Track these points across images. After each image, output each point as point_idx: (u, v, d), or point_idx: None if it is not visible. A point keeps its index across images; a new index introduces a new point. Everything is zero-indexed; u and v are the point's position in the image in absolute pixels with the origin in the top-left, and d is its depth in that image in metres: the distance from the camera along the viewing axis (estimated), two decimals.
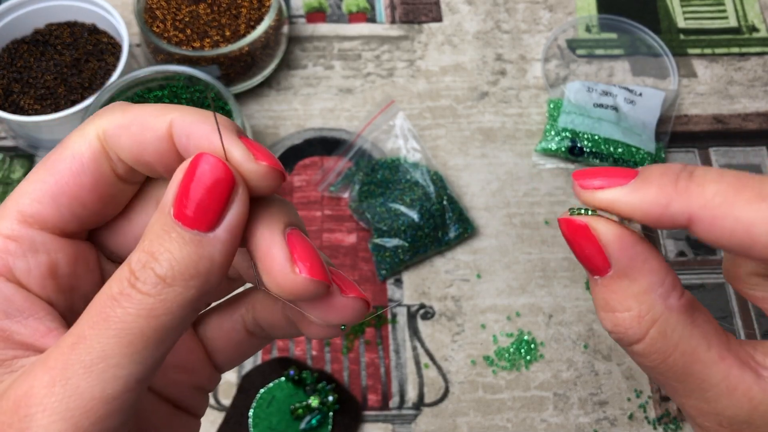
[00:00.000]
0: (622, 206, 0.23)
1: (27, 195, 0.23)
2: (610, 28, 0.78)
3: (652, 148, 0.68)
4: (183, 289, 0.20)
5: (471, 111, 0.72)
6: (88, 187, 0.23)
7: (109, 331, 0.20)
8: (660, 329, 0.23)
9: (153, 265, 0.20)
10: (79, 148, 0.23)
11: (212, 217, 0.21)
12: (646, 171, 0.23)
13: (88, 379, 0.20)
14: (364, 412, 0.58)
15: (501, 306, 0.62)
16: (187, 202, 0.21)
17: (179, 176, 0.21)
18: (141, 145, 0.23)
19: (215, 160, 0.21)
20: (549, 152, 0.68)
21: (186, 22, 0.70)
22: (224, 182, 0.21)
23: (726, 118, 0.72)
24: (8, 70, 0.69)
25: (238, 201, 0.21)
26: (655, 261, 0.23)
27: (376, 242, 0.63)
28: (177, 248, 0.20)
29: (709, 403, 0.23)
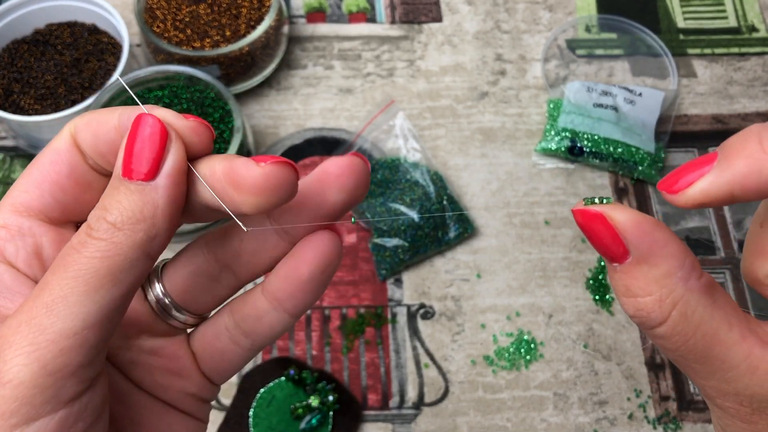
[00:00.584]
0: (717, 192, 0.23)
1: (16, 188, 0.26)
2: (610, 28, 0.78)
3: (652, 148, 0.68)
4: (132, 232, 0.23)
5: (471, 111, 0.72)
6: (65, 174, 0.26)
7: (68, 273, 0.22)
8: (681, 311, 0.23)
9: (104, 214, 0.23)
10: (57, 144, 0.26)
11: (152, 167, 0.24)
12: (725, 147, 0.23)
13: (50, 317, 0.22)
14: (364, 411, 0.58)
15: (501, 306, 0.62)
16: (132, 159, 0.24)
17: (124, 141, 0.24)
18: (97, 137, 0.26)
19: (148, 116, 0.24)
20: (549, 152, 0.68)
21: (186, 22, 0.70)
22: (157, 133, 0.24)
23: (726, 118, 0.73)
24: (8, 70, 0.69)
25: (173, 151, 0.24)
26: (674, 244, 0.23)
27: (376, 242, 0.63)
28: (124, 198, 0.23)
29: (729, 384, 0.24)
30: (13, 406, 0.21)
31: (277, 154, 0.70)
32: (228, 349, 0.29)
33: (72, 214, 0.27)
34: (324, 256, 0.26)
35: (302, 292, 0.27)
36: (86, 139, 0.26)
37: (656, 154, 0.68)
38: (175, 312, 0.29)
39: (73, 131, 0.26)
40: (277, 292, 0.27)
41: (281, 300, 0.27)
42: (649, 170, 0.67)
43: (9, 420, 0.21)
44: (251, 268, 0.28)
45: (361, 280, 0.64)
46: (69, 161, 0.26)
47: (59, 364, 0.22)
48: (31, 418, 0.22)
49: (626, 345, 0.61)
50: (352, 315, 0.62)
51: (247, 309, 0.28)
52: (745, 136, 0.23)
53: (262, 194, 0.23)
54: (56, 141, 0.26)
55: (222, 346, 0.29)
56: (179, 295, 0.29)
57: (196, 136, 0.25)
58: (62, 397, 0.22)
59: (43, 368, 0.21)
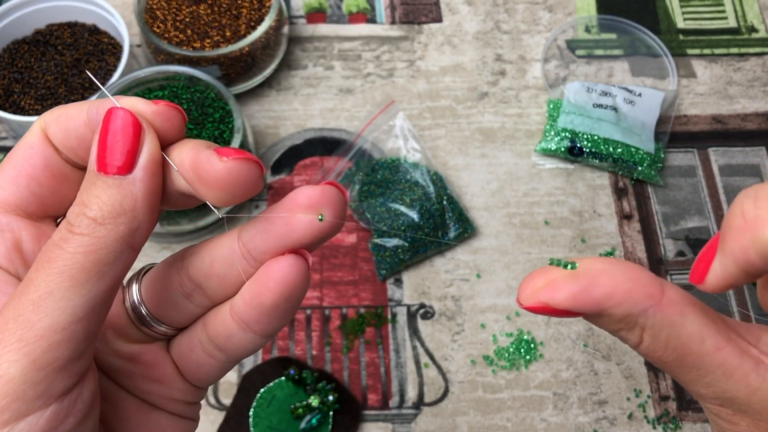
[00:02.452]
0: (729, 275, 0.24)
1: None
2: (610, 28, 0.78)
3: (652, 149, 0.68)
4: (113, 226, 0.23)
5: (471, 111, 0.72)
6: (40, 167, 0.26)
7: (53, 270, 0.22)
8: (650, 334, 0.25)
9: (84, 210, 0.23)
10: (29, 140, 0.26)
11: (127, 160, 0.24)
12: (723, 224, 0.24)
13: (37, 313, 0.22)
14: (364, 411, 0.58)
15: (501, 306, 0.62)
16: (106, 153, 0.24)
17: (96, 135, 0.24)
18: (67, 132, 0.26)
19: (120, 109, 0.24)
20: (548, 152, 0.69)
21: (186, 23, 0.70)
22: (130, 126, 0.24)
23: (725, 118, 0.73)
24: (9, 70, 0.69)
25: (147, 142, 0.24)
26: (620, 290, 0.24)
27: (376, 242, 0.63)
28: (103, 192, 0.23)
29: (708, 388, 0.25)
30: (3, 402, 0.21)
31: (277, 155, 0.70)
32: (203, 361, 0.28)
33: (50, 208, 0.27)
34: (288, 283, 0.25)
35: (267, 317, 0.26)
36: (56, 133, 0.26)
37: (656, 155, 0.69)
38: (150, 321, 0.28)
39: (44, 126, 0.26)
40: (243, 315, 0.26)
41: (248, 323, 0.26)
42: (648, 170, 0.68)
43: (0, 416, 0.21)
44: (221, 290, 0.27)
45: (361, 280, 0.64)
46: (42, 155, 0.26)
47: (49, 359, 0.22)
48: (23, 413, 0.22)
49: (626, 345, 0.61)
50: (352, 315, 0.62)
51: (218, 327, 0.27)
52: (732, 212, 0.24)
53: (225, 189, 0.24)
54: (28, 136, 0.26)
55: (197, 359, 0.28)
56: (153, 307, 0.28)
57: (167, 122, 0.25)
58: (53, 391, 0.22)
59: (33, 363, 0.22)
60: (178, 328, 0.29)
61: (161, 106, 0.25)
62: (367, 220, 0.64)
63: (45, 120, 0.26)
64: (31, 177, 0.26)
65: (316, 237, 0.25)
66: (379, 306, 0.62)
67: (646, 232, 0.66)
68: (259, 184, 0.24)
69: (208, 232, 0.65)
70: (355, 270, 0.64)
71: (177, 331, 0.29)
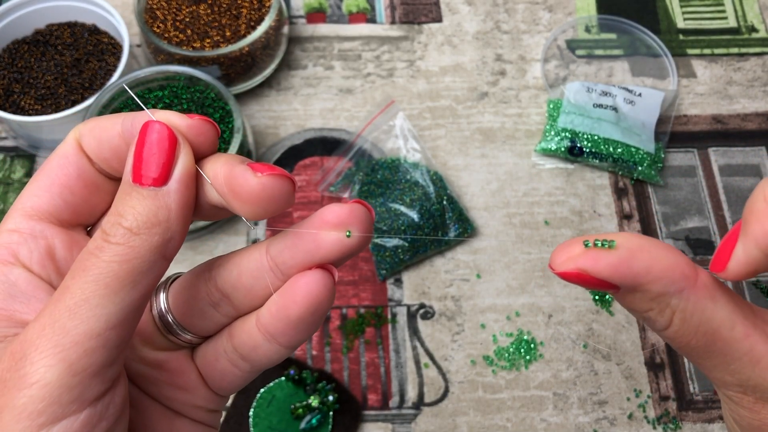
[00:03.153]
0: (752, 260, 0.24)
1: (26, 193, 0.27)
2: (610, 28, 0.78)
3: (652, 149, 0.68)
4: (148, 236, 0.24)
5: (471, 111, 0.72)
6: (73, 176, 0.27)
7: (88, 278, 0.23)
8: (681, 317, 0.25)
9: (120, 220, 0.24)
10: (64, 150, 0.27)
11: (162, 173, 0.24)
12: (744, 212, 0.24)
13: (73, 320, 0.22)
14: (364, 411, 0.58)
15: (501, 306, 0.62)
16: (141, 165, 0.24)
17: (132, 147, 0.25)
18: (101, 143, 0.27)
19: (156, 122, 0.25)
20: (549, 152, 0.69)
21: (186, 23, 0.70)
22: (165, 139, 0.24)
23: (725, 118, 0.73)
24: (9, 70, 0.69)
25: (182, 155, 0.25)
26: (658, 266, 0.24)
27: (376, 242, 0.63)
28: (138, 203, 0.24)
29: (733, 375, 0.25)
30: (40, 406, 0.22)
31: (277, 155, 0.70)
32: (228, 370, 0.29)
33: (81, 217, 0.28)
34: (314, 297, 0.25)
35: (293, 330, 0.26)
36: (90, 144, 0.27)
37: (656, 155, 0.69)
38: (177, 329, 0.29)
39: (78, 137, 0.27)
40: (269, 326, 0.27)
41: (274, 335, 0.27)
42: (648, 170, 0.67)
43: (37, 419, 0.22)
44: (248, 301, 0.28)
45: (361, 280, 0.64)
46: (76, 165, 0.27)
47: (84, 365, 0.22)
48: (58, 417, 0.22)
49: (626, 345, 0.61)
50: (352, 315, 0.62)
51: (243, 337, 0.28)
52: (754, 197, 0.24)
53: (258, 204, 0.24)
54: (63, 146, 0.27)
55: (222, 367, 0.29)
56: (180, 316, 0.29)
57: (201, 136, 0.26)
58: (87, 396, 0.23)
59: (69, 369, 0.22)
60: (203, 336, 0.29)
61: (195, 121, 0.26)
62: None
63: (79, 131, 0.27)
64: (65, 186, 0.27)
65: (343, 253, 0.26)
66: (379, 306, 0.62)
67: (647, 232, 0.66)
68: (291, 199, 0.25)
69: (208, 232, 0.65)
70: (355, 270, 0.64)
71: (202, 339, 0.29)
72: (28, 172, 0.69)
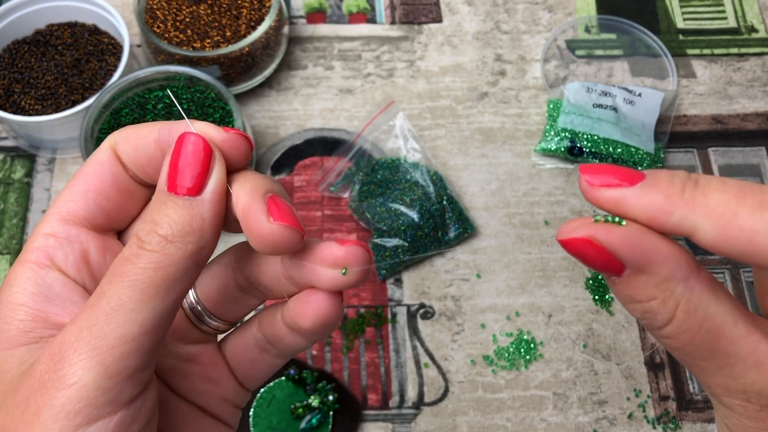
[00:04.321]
0: (628, 207, 0.24)
1: (62, 198, 0.28)
2: (610, 28, 0.78)
3: (651, 149, 0.68)
4: (182, 244, 0.24)
5: (471, 111, 0.72)
6: (108, 182, 0.28)
7: (125, 284, 0.24)
8: (685, 309, 0.24)
9: (156, 228, 0.24)
10: (99, 157, 0.28)
11: (197, 183, 0.25)
12: (654, 176, 0.24)
13: (109, 324, 0.23)
14: (364, 411, 0.58)
15: (501, 306, 0.62)
16: (177, 175, 0.25)
17: (168, 157, 0.25)
18: (136, 151, 0.27)
19: (194, 134, 0.25)
20: (548, 152, 0.69)
21: (187, 23, 0.70)
22: (201, 151, 0.25)
23: (725, 118, 0.73)
24: (9, 70, 0.69)
25: (217, 167, 0.25)
26: (666, 248, 0.24)
27: (376, 242, 0.63)
28: (173, 212, 0.25)
29: (737, 379, 0.24)
30: (78, 407, 0.23)
31: (277, 155, 0.70)
32: (258, 357, 0.31)
33: (114, 222, 0.29)
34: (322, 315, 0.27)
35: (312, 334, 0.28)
36: (126, 151, 0.28)
37: (656, 155, 0.69)
38: (208, 318, 0.30)
39: (113, 144, 0.28)
40: (292, 323, 0.28)
41: (297, 330, 0.28)
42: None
43: (74, 420, 0.23)
44: (272, 294, 0.29)
45: None
46: (111, 171, 0.28)
47: (119, 368, 0.23)
48: (93, 418, 0.23)
49: (626, 345, 0.61)
50: (352, 315, 0.62)
51: (271, 328, 0.29)
52: (672, 177, 0.24)
53: (265, 245, 0.25)
54: (98, 153, 0.28)
55: (252, 355, 0.31)
56: (211, 304, 0.30)
57: (234, 150, 0.26)
58: (121, 399, 0.23)
59: (105, 371, 0.23)
60: (234, 322, 0.31)
61: (231, 134, 0.26)
62: (367, 220, 0.64)
63: (115, 139, 0.28)
64: (100, 192, 0.28)
65: (340, 288, 0.27)
66: (379, 306, 0.63)
67: None
68: (298, 246, 0.26)
69: None
70: None
71: (230, 326, 0.31)
72: (28, 172, 0.69)
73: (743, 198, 0.22)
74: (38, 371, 0.23)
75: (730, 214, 0.22)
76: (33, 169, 0.69)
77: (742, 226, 0.22)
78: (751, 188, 0.23)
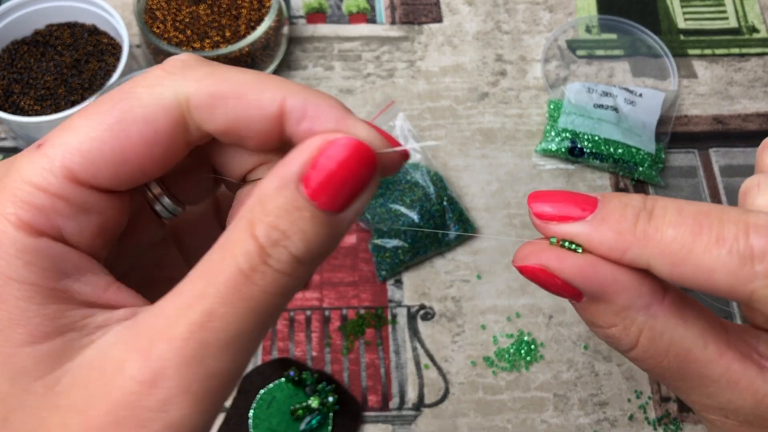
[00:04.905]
0: (580, 242, 0.23)
1: (79, 153, 0.21)
2: (610, 28, 0.78)
3: (653, 149, 0.68)
4: (310, 268, 0.20)
5: (471, 112, 0.72)
6: (157, 157, 0.21)
7: (246, 310, 0.19)
8: (648, 336, 0.23)
9: (286, 243, 0.20)
10: (153, 114, 0.21)
11: (348, 200, 0.20)
12: (605, 206, 0.23)
13: (225, 359, 0.19)
14: (364, 412, 0.58)
15: (501, 307, 0.62)
16: (326, 184, 0.20)
17: (310, 153, 0.20)
18: (240, 120, 0.21)
19: (367, 148, 0.20)
20: (549, 153, 0.68)
21: (186, 23, 0.70)
22: (370, 168, 0.21)
23: (726, 118, 0.72)
24: (8, 70, 0.69)
25: (372, 185, 0.21)
26: (624, 277, 0.23)
27: (376, 243, 0.63)
28: (311, 229, 0.20)
29: (711, 398, 0.23)
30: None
31: None
32: None
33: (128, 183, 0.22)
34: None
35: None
36: (219, 120, 0.21)
37: (657, 155, 0.68)
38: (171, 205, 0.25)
39: (185, 104, 0.21)
40: None
41: None
42: (649, 171, 0.67)
43: None
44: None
45: (361, 281, 0.64)
46: (167, 142, 0.21)
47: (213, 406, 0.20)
48: None
49: None
50: (352, 316, 0.62)
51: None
52: (624, 210, 0.22)
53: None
54: (151, 106, 0.21)
55: None
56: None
57: (390, 167, 0.22)
58: None
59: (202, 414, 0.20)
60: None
61: (400, 153, 0.22)
62: (366, 220, 0.64)
63: (187, 94, 0.21)
64: (141, 167, 0.21)
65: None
66: (379, 307, 0.62)
67: None
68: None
69: None
70: (355, 271, 0.64)
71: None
72: None
73: (699, 233, 0.21)
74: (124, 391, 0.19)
75: (684, 251, 0.21)
76: None
77: (697, 265, 0.21)
78: (708, 219, 0.21)
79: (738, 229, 0.21)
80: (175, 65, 0.22)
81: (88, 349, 0.20)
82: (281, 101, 0.21)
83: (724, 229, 0.21)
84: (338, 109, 0.21)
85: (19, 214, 0.20)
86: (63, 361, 0.20)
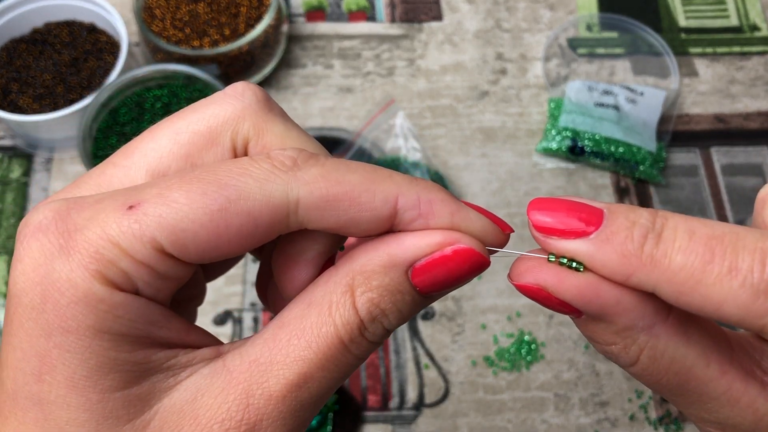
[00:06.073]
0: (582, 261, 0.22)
1: (173, 232, 0.20)
2: (611, 26, 0.78)
3: (653, 148, 0.68)
4: (383, 336, 0.23)
5: (471, 110, 0.72)
6: (248, 245, 0.22)
7: (338, 374, 0.22)
8: (649, 354, 0.22)
9: (383, 320, 0.22)
10: (259, 211, 0.21)
11: (448, 290, 0.23)
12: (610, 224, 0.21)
13: (315, 412, 0.22)
14: (364, 412, 0.58)
15: (501, 306, 0.62)
16: (435, 279, 0.22)
17: (427, 248, 0.22)
18: (350, 222, 0.22)
19: (483, 258, 0.23)
20: (550, 152, 0.68)
21: (185, 21, 0.69)
22: (480, 271, 0.23)
23: (727, 117, 0.72)
24: (7, 69, 0.69)
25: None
26: (627, 299, 0.22)
27: None
28: (408, 309, 0.23)
29: (710, 413, 0.23)
30: None
31: None
32: None
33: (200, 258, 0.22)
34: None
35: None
36: (329, 221, 0.22)
37: (658, 154, 0.68)
38: None
39: (294, 206, 0.21)
40: None
41: None
42: (650, 170, 0.67)
43: None
44: None
45: None
46: (263, 236, 0.21)
47: None
48: None
49: None
50: None
51: None
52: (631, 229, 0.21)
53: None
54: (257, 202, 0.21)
55: None
56: None
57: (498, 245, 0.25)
58: None
59: None
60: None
61: (506, 237, 0.24)
62: None
63: (299, 196, 0.21)
64: (232, 252, 0.21)
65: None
66: None
67: None
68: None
69: None
70: None
71: None
72: (26, 171, 0.68)
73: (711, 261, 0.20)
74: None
75: (693, 281, 0.20)
76: (30, 169, 0.68)
77: (706, 295, 0.20)
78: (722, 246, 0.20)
79: (753, 260, 0.20)
80: (284, 162, 0.21)
81: (175, 391, 0.21)
82: (394, 202, 0.22)
83: (738, 258, 0.20)
84: (450, 204, 0.23)
85: (103, 272, 0.20)
86: (152, 402, 0.21)
